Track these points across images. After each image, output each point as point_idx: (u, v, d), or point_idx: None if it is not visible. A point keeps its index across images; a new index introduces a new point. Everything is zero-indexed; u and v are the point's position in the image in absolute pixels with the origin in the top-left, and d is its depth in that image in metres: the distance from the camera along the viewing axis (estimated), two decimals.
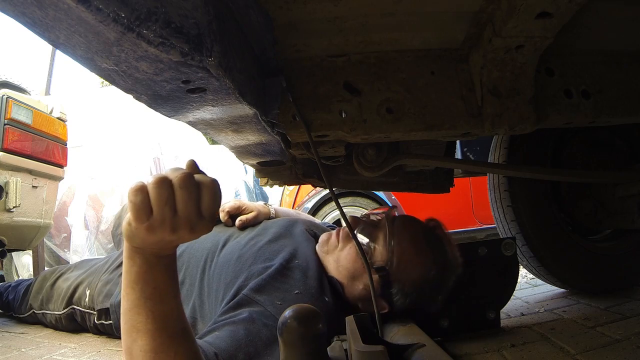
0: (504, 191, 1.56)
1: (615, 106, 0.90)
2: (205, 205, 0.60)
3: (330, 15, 0.74)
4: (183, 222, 0.59)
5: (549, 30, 0.72)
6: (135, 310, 0.66)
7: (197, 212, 0.60)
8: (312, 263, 1.08)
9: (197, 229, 0.61)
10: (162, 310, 0.66)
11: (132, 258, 0.65)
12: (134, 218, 0.59)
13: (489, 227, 3.79)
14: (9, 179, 1.77)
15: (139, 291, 0.65)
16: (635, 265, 1.57)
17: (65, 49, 0.48)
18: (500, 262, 1.23)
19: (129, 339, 0.67)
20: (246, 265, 1.04)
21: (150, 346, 0.66)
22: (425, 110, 0.85)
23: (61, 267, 1.79)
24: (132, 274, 0.66)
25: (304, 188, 3.70)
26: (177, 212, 0.59)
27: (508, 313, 1.46)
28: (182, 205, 0.59)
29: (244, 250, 1.11)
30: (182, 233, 0.60)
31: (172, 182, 0.59)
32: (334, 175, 1.43)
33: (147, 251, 0.64)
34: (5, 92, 1.82)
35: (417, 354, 0.77)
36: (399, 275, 1.04)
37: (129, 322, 0.67)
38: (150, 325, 0.65)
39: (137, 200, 0.58)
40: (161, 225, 0.59)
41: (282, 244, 1.12)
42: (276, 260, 1.03)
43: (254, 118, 0.79)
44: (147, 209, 0.58)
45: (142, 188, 0.59)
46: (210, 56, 0.50)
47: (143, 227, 0.59)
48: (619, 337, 1.06)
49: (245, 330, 0.84)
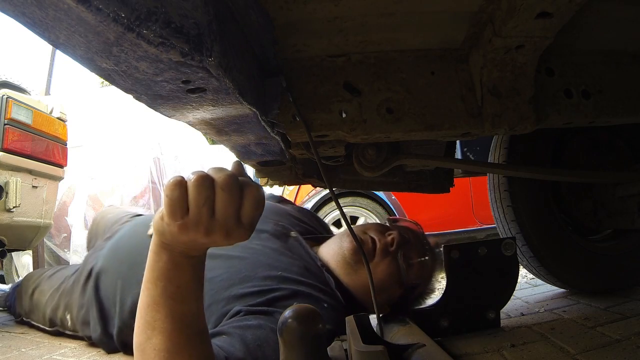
0: (504, 191, 1.56)
1: (615, 106, 0.90)
2: (245, 212, 0.57)
3: (330, 15, 0.74)
4: (219, 226, 0.56)
5: (549, 30, 0.72)
6: (155, 307, 0.63)
7: (236, 218, 0.56)
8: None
9: (233, 235, 0.57)
10: (182, 310, 0.64)
11: (159, 253, 0.62)
12: (167, 214, 0.56)
13: (489, 227, 3.79)
14: (9, 179, 1.77)
15: (161, 288, 0.63)
16: (635, 265, 1.57)
17: (65, 49, 0.48)
18: (500, 262, 1.23)
19: (143, 336, 0.65)
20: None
21: (165, 346, 0.63)
22: (425, 110, 0.85)
23: (38, 272, 1.75)
24: (156, 270, 0.63)
25: (304, 188, 3.70)
26: (215, 215, 0.55)
27: (508, 313, 1.46)
28: (222, 208, 0.55)
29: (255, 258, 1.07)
30: (217, 237, 0.57)
31: (214, 182, 0.56)
32: (334, 175, 1.43)
33: (176, 249, 0.61)
34: (5, 92, 1.82)
35: (417, 354, 0.77)
36: (419, 290, 1.17)
37: (146, 318, 0.65)
38: (168, 325, 0.63)
39: (174, 195, 0.55)
40: (195, 226, 0.56)
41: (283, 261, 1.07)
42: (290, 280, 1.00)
43: (254, 118, 0.79)
44: (184, 206, 0.55)
45: (181, 183, 0.55)
46: (210, 56, 0.50)
47: (176, 225, 0.56)
48: (619, 337, 1.06)
49: (253, 335, 0.83)
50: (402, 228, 1.17)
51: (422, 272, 1.13)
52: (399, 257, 1.07)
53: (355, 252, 1.07)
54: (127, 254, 1.21)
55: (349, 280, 1.09)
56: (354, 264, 1.08)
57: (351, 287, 1.09)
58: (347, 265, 1.09)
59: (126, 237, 1.32)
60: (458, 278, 1.21)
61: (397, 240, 1.08)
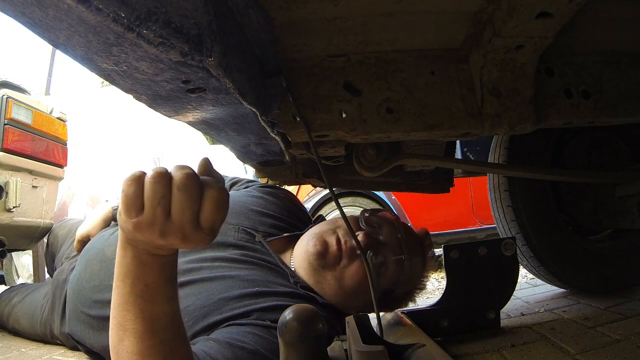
0: (504, 191, 1.56)
1: (615, 106, 0.90)
2: (205, 216, 0.52)
3: (330, 15, 0.74)
4: (175, 229, 0.52)
5: (549, 30, 0.72)
6: (125, 306, 0.60)
7: (193, 222, 0.52)
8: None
9: (190, 239, 0.53)
10: (153, 310, 0.60)
11: (125, 249, 0.59)
12: (123, 210, 0.53)
13: (489, 227, 3.79)
14: (9, 179, 1.77)
15: (129, 286, 0.59)
16: (635, 265, 1.57)
17: (65, 49, 0.48)
18: (500, 262, 1.23)
19: (116, 338, 0.63)
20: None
21: (137, 348, 0.60)
22: (425, 110, 0.85)
23: (4, 297, 1.65)
24: (123, 267, 0.60)
25: (304, 188, 3.69)
26: (171, 217, 0.51)
27: (508, 313, 1.46)
28: (177, 210, 0.51)
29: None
30: (173, 240, 0.53)
31: (172, 180, 0.52)
32: (334, 175, 1.43)
33: (140, 246, 0.57)
34: (5, 92, 1.82)
35: (417, 354, 0.76)
36: (401, 290, 1.08)
37: (117, 318, 0.62)
38: (139, 326, 0.60)
39: (129, 191, 0.52)
40: (149, 226, 0.52)
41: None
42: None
43: (254, 118, 0.80)
44: (138, 204, 0.52)
45: (138, 179, 0.52)
46: (210, 56, 0.50)
47: (131, 223, 0.53)
48: (619, 337, 1.06)
49: (241, 343, 0.81)
50: (377, 223, 1.06)
51: (399, 272, 1.02)
52: (369, 258, 0.97)
53: (320, 257, 0.98)
54: (98, 273, 1.13)
55: (320, 289, 1.00)
56: (321, 269, 0.99)
57: (324, 296, 1.00)
58: (314, 272, 1.00)
59: (94, 255, 1.21)
60: (458, 278, 1.21)
61: (363, 243, 0.97)
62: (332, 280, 0.99)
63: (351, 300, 1.02)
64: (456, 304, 1.20)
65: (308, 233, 1.07)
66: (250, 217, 1.13)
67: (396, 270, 1.03)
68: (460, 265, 1.21)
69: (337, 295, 1.00)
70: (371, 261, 0.97)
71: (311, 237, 1.03)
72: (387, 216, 1.12)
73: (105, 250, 1.15)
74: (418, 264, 1.10)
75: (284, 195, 1.29)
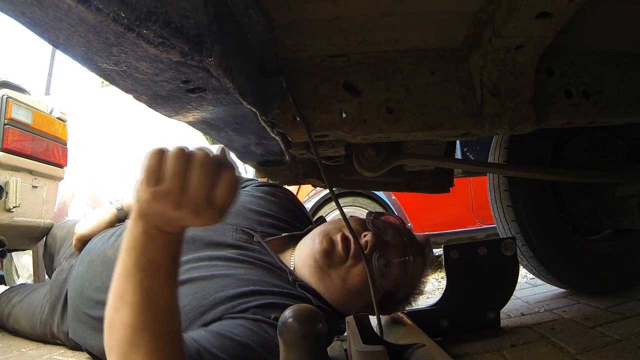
0: (504, 191, 1.56)
1: (615, 106, 0.90)
2: (219, 193, 0.57)
3: (330, 15, 0.74)
4: (190, 202, 0.56)
5: (549, 30, 0.72)
6: (126, 277, 0.63)
7: (206, 198, 0.57)
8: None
9: (202, 215, 0.58)
10: (152, 285, 0.62)
11: (136, 221, 0.62)
12: (143, 179, 0.57)
13: (489, 227, 3.78)
14: (9, 179, 1.77)
15: (134, 258, 0.62)
16: (635, 265, 1.57)
17: (65, 49, 0.48)
18: (500, 262, 1.23)
19: (113, 308, 0.64)
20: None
21: (132, 320, 0.62)
22: (425, 110, 0.85)
23: (4, 297, 1.65)
24: (131, 240, 0.63)
25: (304, 188, 3.69)
26: (187, 190, 0.56)
27: (508, 313, 1.46)
28: (194, 184, 0.56)
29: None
30: (185, 214, 0.57)
31: (192, 158, 0.57)
32: (334, 175, 1.43)
33: (151, 221, 0.60)
34: (5, 92, 1.82)
35: (417, 354, 0.77)
36: (402, 293, 1.08)
37: (117, 289, 0.64)
38: (137, 298, 0.62)
39: (151, 162, 0.57)
40: (166, 196, 0.56)
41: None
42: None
43: (254, 118, 0.80)
44: (158, 174, 0.56)
45: (161, 152, 0.57)
46: (210, 56, 0.50)
47: (148, 192, 0.57)
48: (619, 337, 1.06)
49: (231, 335, 0.81)
50: (382, 226, 1.07)
51: (403, 275, 1.03)
52: (374, 260, 0.98)
53: (327, 255, 0.98)
54: (100, 274, 1.13)
55: (323, 287, 1.00)
56: (327, 267, 0.99)
57: (326, 294, 1.00)
58: (319, 270, 0.99)
59: (96, 256, 1.21)
60: (458, 278, 1.21)
61: (371, 243, 0.99)
62: (336, 279, 0.99)
63: (353, 300, 1.01)
64: (456, 304, 1.20)
65: (314, 232, 1.07)
66: (248, 217, 1.12)
67: (399, 272, 1.03)
68: (460, 265, 1.21)
69: (340, 294, 1.00)
70: (376, 262, 0.98)
71: (317, 235, 1.03)
72: (393, 219, 1.13)
73: (107, 251, 1.15)
74: (419, 269, 1.11)
75: (283, 195, 1.29)
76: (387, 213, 1.18)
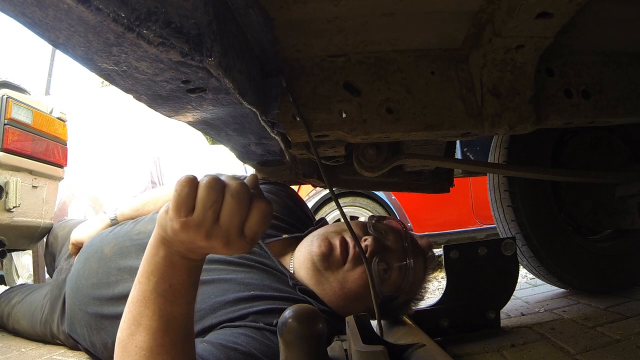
0: (504, 191, 1.56)
1: (615, 106, 0.90)
2: (250, 224, 0.56)
3: (330, 15, 0.74)
4: (221, 233, 0.55)
5: (549, 30, 0.72)
6: (144, 302, 0.62)
7: (239, 228, 0.56)
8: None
9: (233, 245, 0.57)
10: (171, 310, 0.62)
11: (157, 247, 0.61)
12: (173, 209, 0.56)
13: (489, 227, 3.79)
14: (9, 179, 1.77)
15: (153, 283, 0.62)
16: (635, 265, 1.57)
17: (65, 49, 0.48)
18: (500, 262, 1.23)
19: (127, 331, 0.64)
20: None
21: (149, 344, 0.62)
22: (425, 110, 0.85)
23: (4, 297, 1.66)
24: (151, 264, 0.62)
25: (304, 188, 3.69)
26: (219, 221, 0.55)
27: (508, 313, 1.46)
28: (227, 215, 0.55)
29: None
30: (216, 243, 0.56)
31: (225, 188, 0.55)
32: (334, 175, 1.43)
33: (174, 247, 0.60)
34: (5, 92, 1.82)
35: (417, 354, 0.77)
36: (402, 298, 1.08)
37: (133, 313, 0.64)
38: (155, 323, 0.62)
39: (183, 192, 0.55)
40: (197, 227, 0.55)
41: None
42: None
43: (254, 118, 0.80)
44: (190, 205, 0.55)
45: (192, 181, 0.56)
46: (210, 56, 0.50)
47: (179, 222, 0.55)
48: (619, 337, 1.06)
49: (234, 345, 0.81)
50: (383, 230, 1.07)
51: (403, 280, 1.03)
52: (374, 264, 0.97)
53: (324, 258, 0.98)
54: (96, 271, 1.13)
55: (321, 291, 1.00)
56: (324, 271, 0.99)
57: (324, 297, 1.00)
58: (317, 273, 0.99)
59: (93, 253, 1.21)
60: (458, 278, 1.21)
61: (371, 247, 0.98)
62: (334, 282, 0.99)
63: (352, 304, 1.00)
64: (456, 304, 1.20)
65: (313, 234, 1.07)
66: None
67: (400, 277, 1.03)
68: (460, 265, 1.21)
69: (338, 298, 1.00)
70: (376, 266, 0.98)
71: (316, 237, 1.03)
72: (395, 224, 1.12)
73: (104, 248, 1.15)
74: (420, 274, 1.10)
75: (284, 193, 1.29)
76: (389, 217, 1.18)
